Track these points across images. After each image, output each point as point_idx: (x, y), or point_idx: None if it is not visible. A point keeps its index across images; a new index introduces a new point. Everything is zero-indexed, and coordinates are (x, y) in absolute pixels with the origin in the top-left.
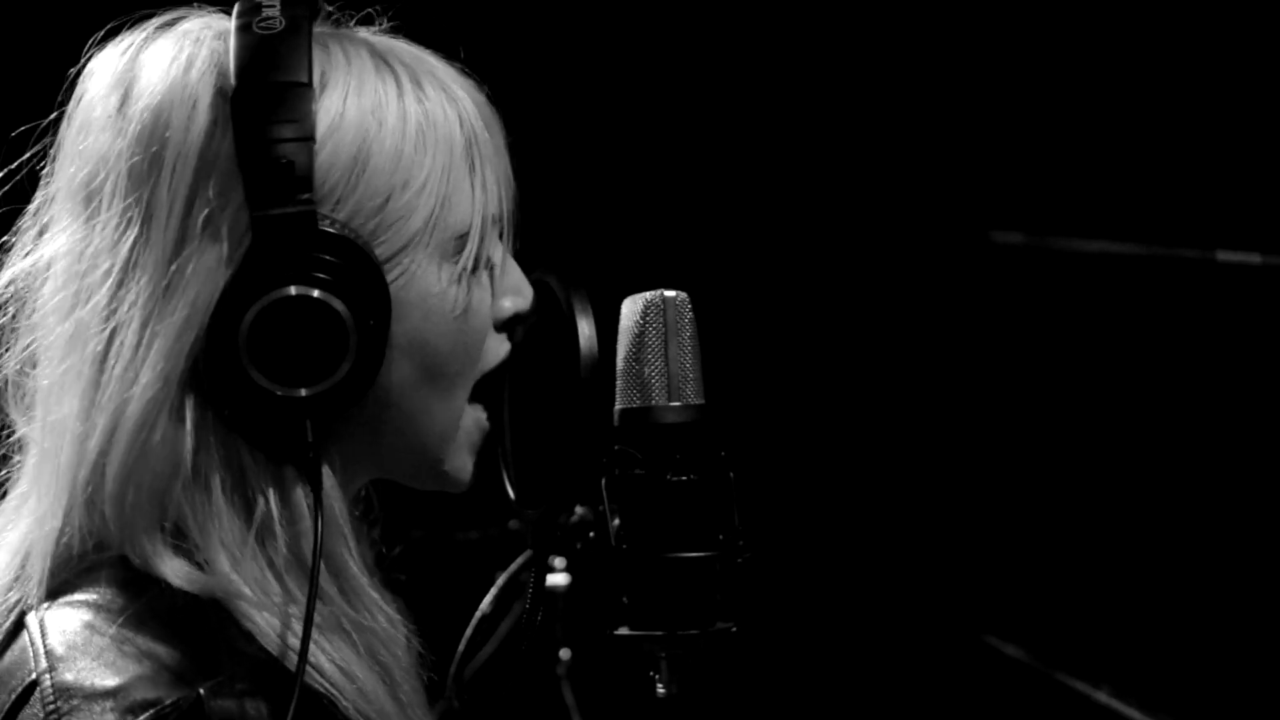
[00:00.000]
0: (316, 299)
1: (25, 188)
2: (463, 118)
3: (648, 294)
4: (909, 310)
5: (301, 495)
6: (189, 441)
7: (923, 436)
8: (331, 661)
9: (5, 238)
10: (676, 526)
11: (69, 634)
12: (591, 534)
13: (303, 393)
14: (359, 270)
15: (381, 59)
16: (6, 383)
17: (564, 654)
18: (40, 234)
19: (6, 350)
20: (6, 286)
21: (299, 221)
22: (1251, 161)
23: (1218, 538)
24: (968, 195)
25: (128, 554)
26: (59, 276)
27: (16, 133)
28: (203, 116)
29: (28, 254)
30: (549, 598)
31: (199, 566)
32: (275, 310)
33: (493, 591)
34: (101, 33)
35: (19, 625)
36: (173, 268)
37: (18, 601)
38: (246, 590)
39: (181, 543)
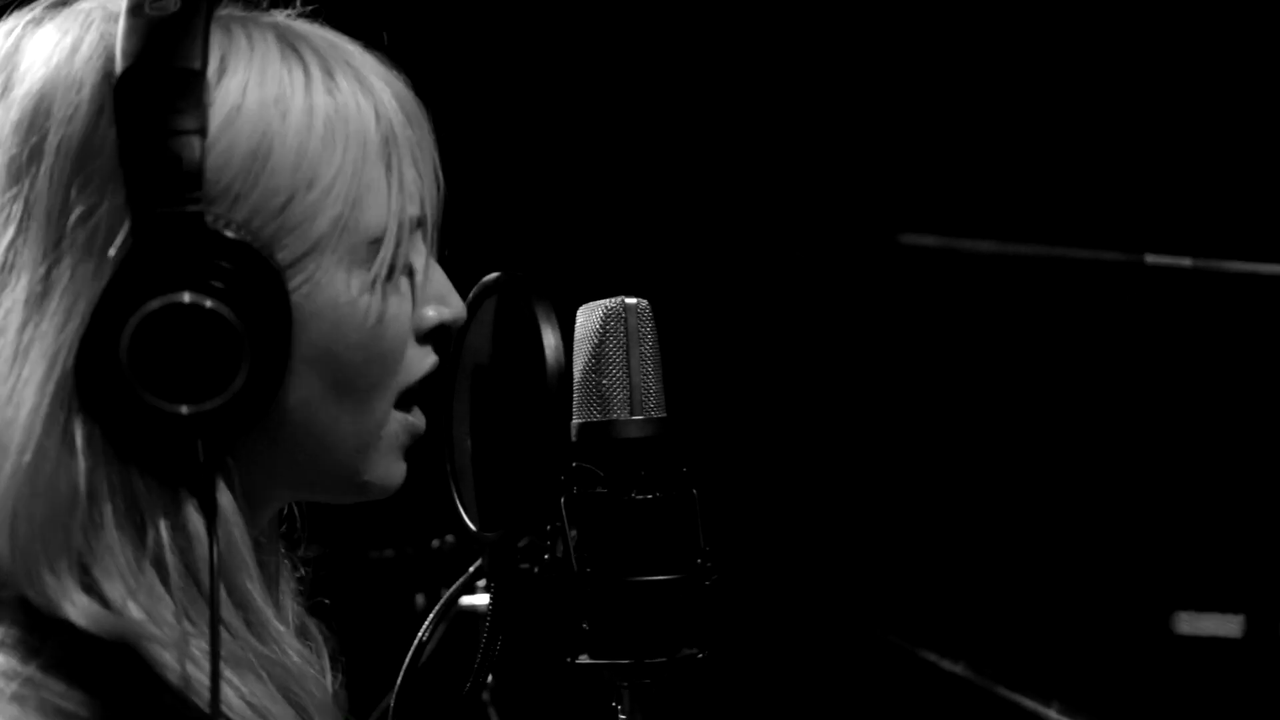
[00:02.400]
0: (205, 308)
1: None
2: (379, 111)
3: (607, 301)
4: (819, 314)
5: (197, 521)
6: (81, 465)
7: (848, 446)
8: (242, 699)
9: None
10: (642, 548)
11: None
12: (548, 556)
13: (187, 409)
14: (254, 276)
15: (290, 45)
16: None
17: (488, 679)
18: None
19: None
20: None
21: (185, 222)
22: (1181, 165)
23: (1154, 544)
24: (878, 198)
25: (28, 593)
26: None
27: None
28: (87, 105)
29: None
30: (473, 618)
31: (103, 602)
32: (160, 320)
33: (432, 616)
34: None
35: None
36: (49, 272)
37: None
38: (150, 628)
39: (85, 576)
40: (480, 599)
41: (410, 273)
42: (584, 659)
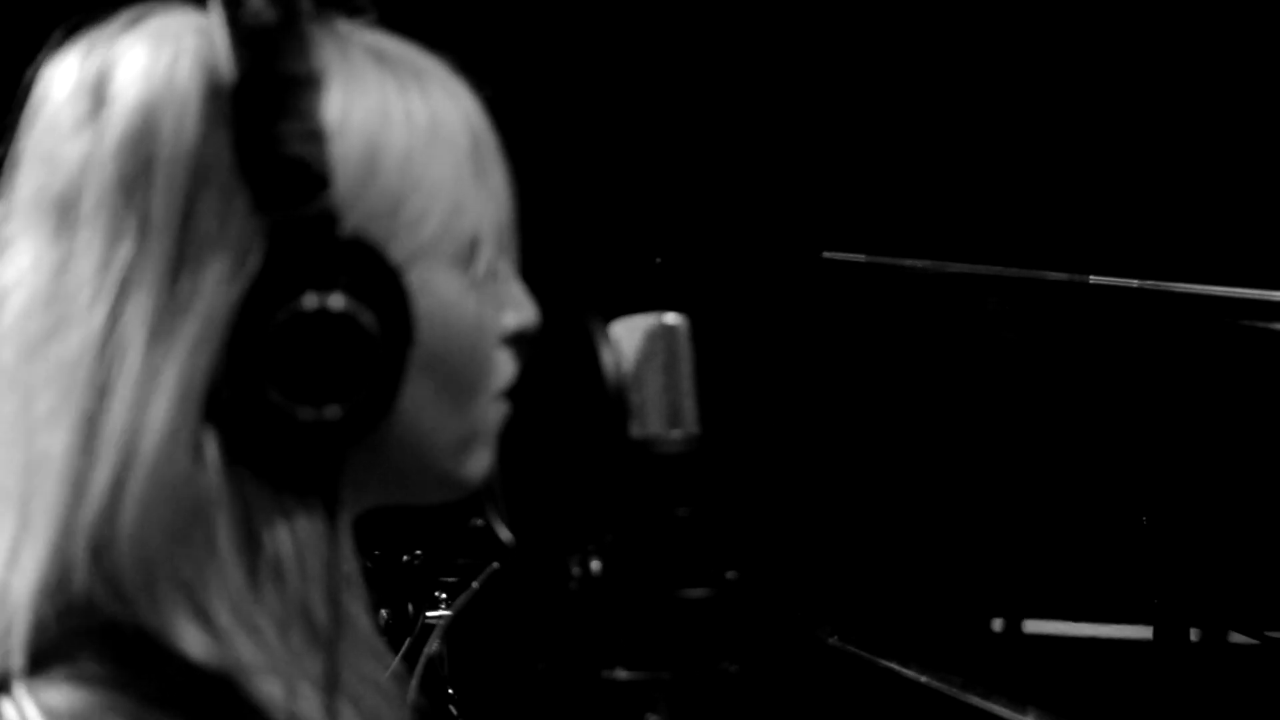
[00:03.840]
0: (343, 311)
1: None
2: (466, 118)
3: (646, 318)
4: (742, 329)
5: (310, 533)
6: (208, 479)
7: (769, 465)
8: None
9: None
10: (684, 563)
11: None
12: (587, 571)
13: (327, 414)
14: (382, 279)
15: (377, 55)
16: None
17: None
18: (5, 256)
19: None
20: None
21: (317, 225)
22: (1128, 183)
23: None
24: (804, 213)
25: (140, 613)
26: (29, 300)
27: None
28: (194, 117)
29: None
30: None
31: (211, 630)
32: (298, 324)
33: (439, 628)
34: (59, 34)
35: None
36: (177, 283)
37: None
38: (257, 659)
39: (195, 601)
40: (441, 613)
41: (496, 277)
42: (620, 673)
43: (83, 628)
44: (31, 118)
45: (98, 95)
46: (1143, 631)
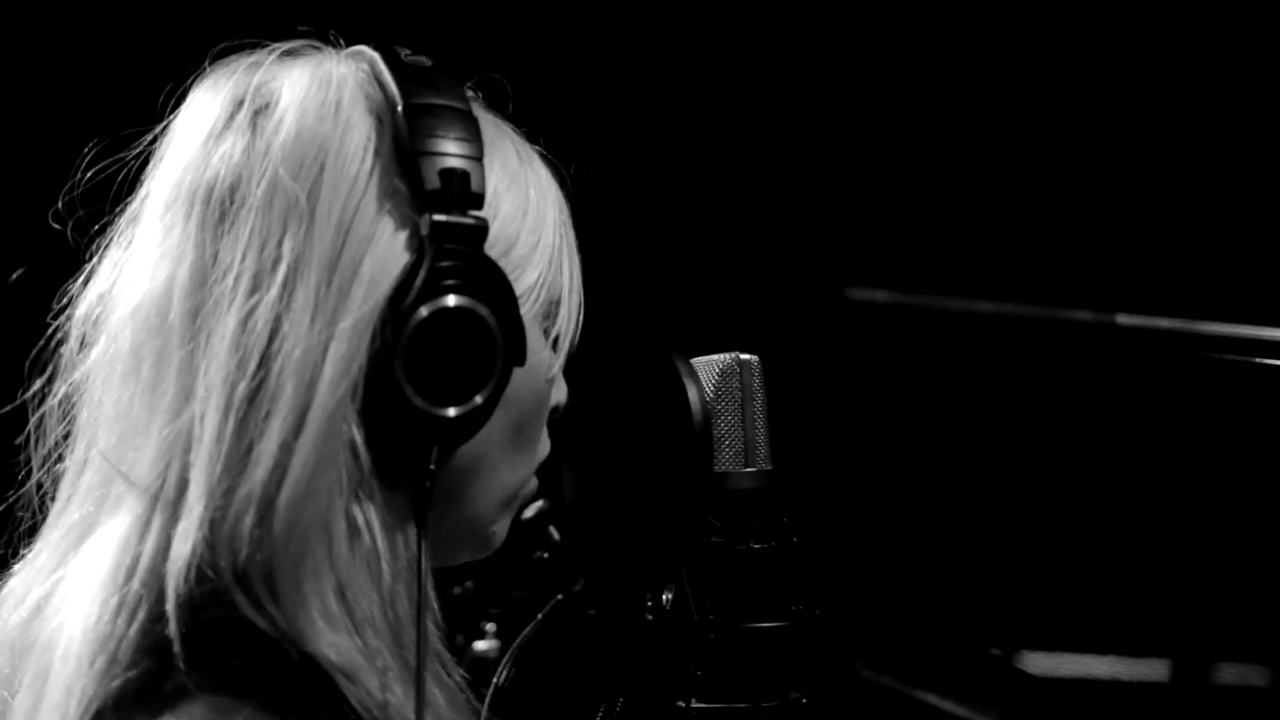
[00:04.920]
0: (484, 318)
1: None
2: (558, 195)
3: (721, 357)
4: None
5: (400, 529)
6: (352, 456)
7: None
8: None
9: (100, 240)
10: (758, 596)
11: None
12: (654, 604)
13: (453, 411)
14: (509, 300)
15: (496, 125)
16: (69, 401)
17: None
18: (139, 238)
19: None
20: (100, 299)
21: (473, 233)
22: (1156, 221)
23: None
24: (827, 252)
25: (272, 611)
26: (167, 285)
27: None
28: (358, 132)
29: (126, 262)
30: (484, 664)
31: (330, 625)
32: (441, 318)
33: (507, 660)
34: (209, 57)
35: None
36: (342, 270)
37: (127, 631)
38: (357, 652)
39: (318, 593)
40: (490, 644)
41: (558, 347)
42: (696, 703)
43: (210, 623)
44: (178, 123)
45: (258, 105)
46: (1161, 667)
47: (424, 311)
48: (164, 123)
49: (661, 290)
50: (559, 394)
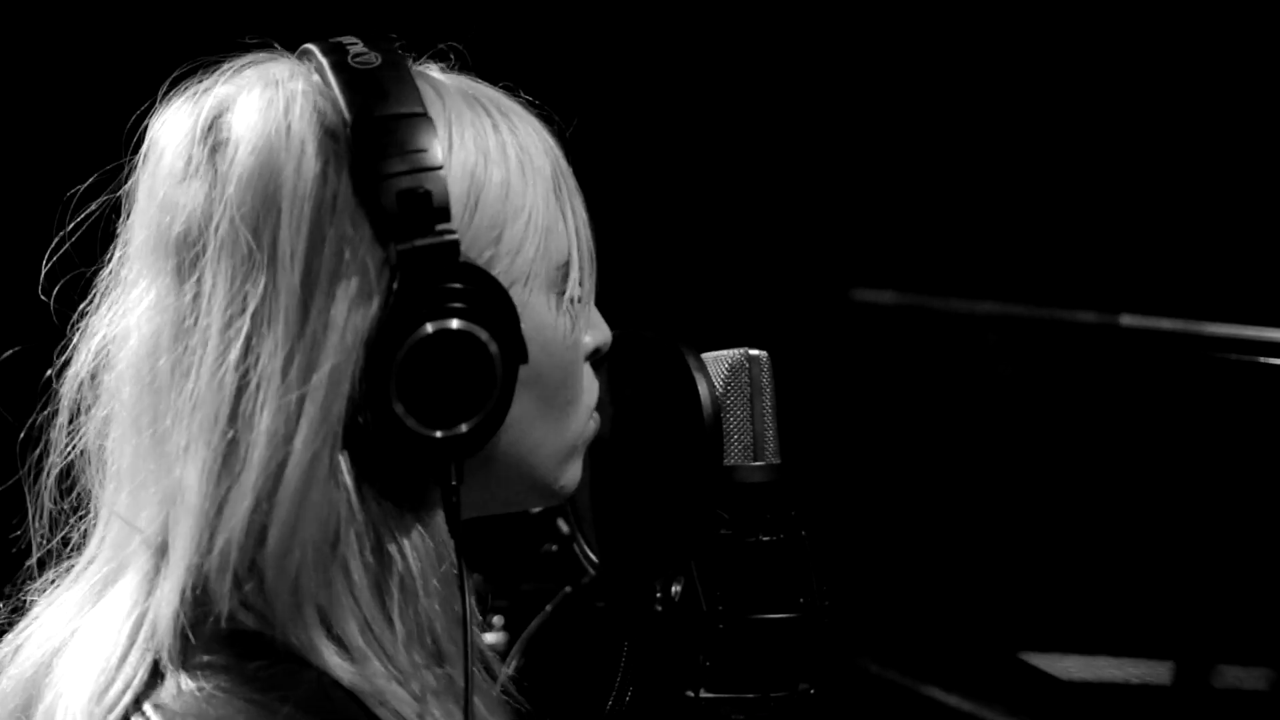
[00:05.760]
0: (469, 333)
1: (71, 255)
2: (548, 149)
3: (730, 352)
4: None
5: (432, 549)
6: (344, 499)
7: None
8: None
9: (84, 303)
10: (767, 587)
11: None
12: (671, 595)
13: (457, 431)
14: (497, 302)
15: (467, 95)
16: (82, 455)
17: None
18: (120, 296)
19: (81, 420)
20: (95, 355)
21: (442, 252)
22: (1161, 221)
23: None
24: (832, 253)
25: (288, 634)
26: (153, 339)
27: (72, 194)
28: (312, 158)
29: (112, 318)
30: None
31: (345, 650)
32: (430, 348)
33: (515, 651)
34: (166, 84)
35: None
36: (308, 315)
37: (128, 684)
38: (385, 676)
39: (328, 621)
40: (497, 637)
41: (581, 299)
42: (705, 693)
43: (220, 642)
44: (143, 165)
45: (214, 140)
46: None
47: (407, 345)
48: (125, 168)
49: (667, 290)
50: (596, 337)
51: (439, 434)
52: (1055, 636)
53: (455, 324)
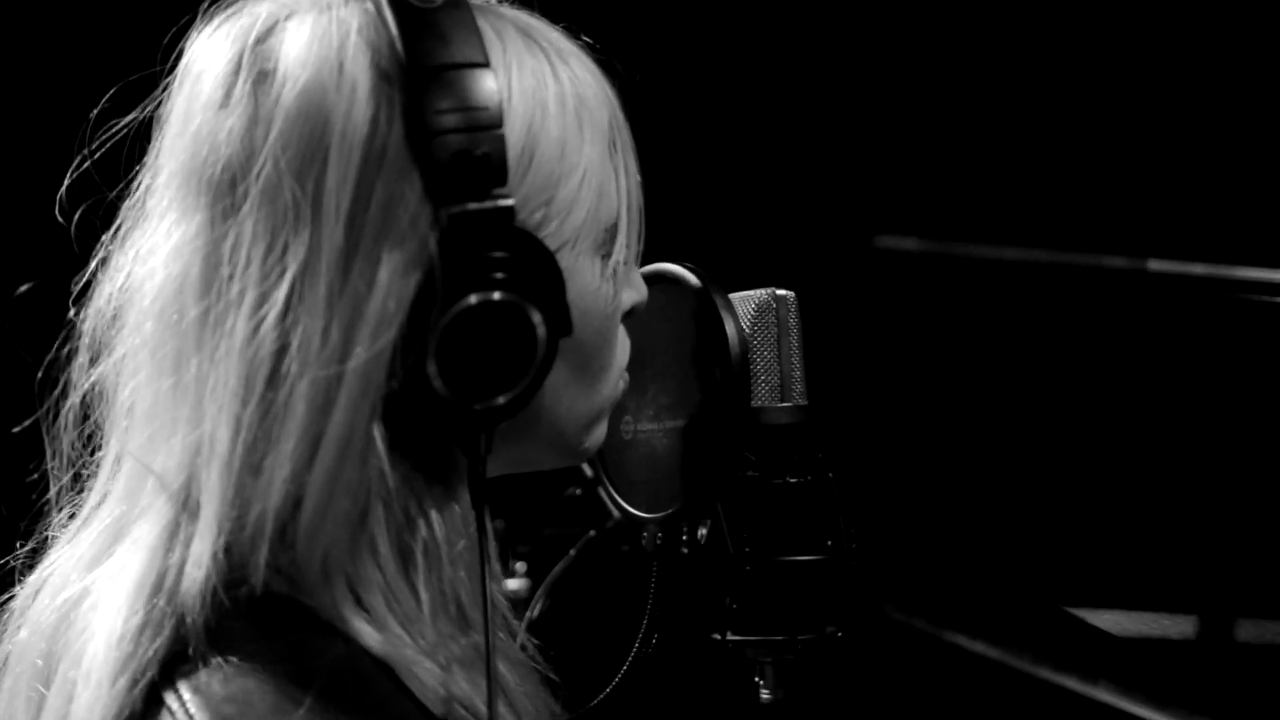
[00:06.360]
0: (515, 306)
1: (93, 175)
2: (608, 98)
3: (757, 292)
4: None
5: (456, 518)
6: (376, 468)
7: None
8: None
9: (106, 235)
10: (794, 529)
11: (242, 707)
12: (698, 538)
13: (494, 404)
14: (546, 273)
15: (526, 34)
16: (98, 391)
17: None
18: (146, 229)
19: (99, 358)
20: (120, 291)
21: (495, 219)
22: (1189, 165)
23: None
24: (854, 199)
25: (318, 602)
26: (181, 278)
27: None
28: (364, 101)
29: (137, 252)
30: (513, 603)
31: (369, 619)
32: (470, 318)
33: (539, 595)
34: (206, 4)
35: (162, 689)
36: (350, 273)
37: (152, 655)
38: (410, 645)
39: (353, 591)
40: (519, 583)
41: (625, 263)
42: (731, 636)
43: (249, 608)
44: (179, 89)
45: (258, 70)
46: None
47: (450, 316)
48: (162, 85)
49: (690, 235)
50: (632, 297)
51: (475, 406)
52: (1081, 586)
53: (500, 296)
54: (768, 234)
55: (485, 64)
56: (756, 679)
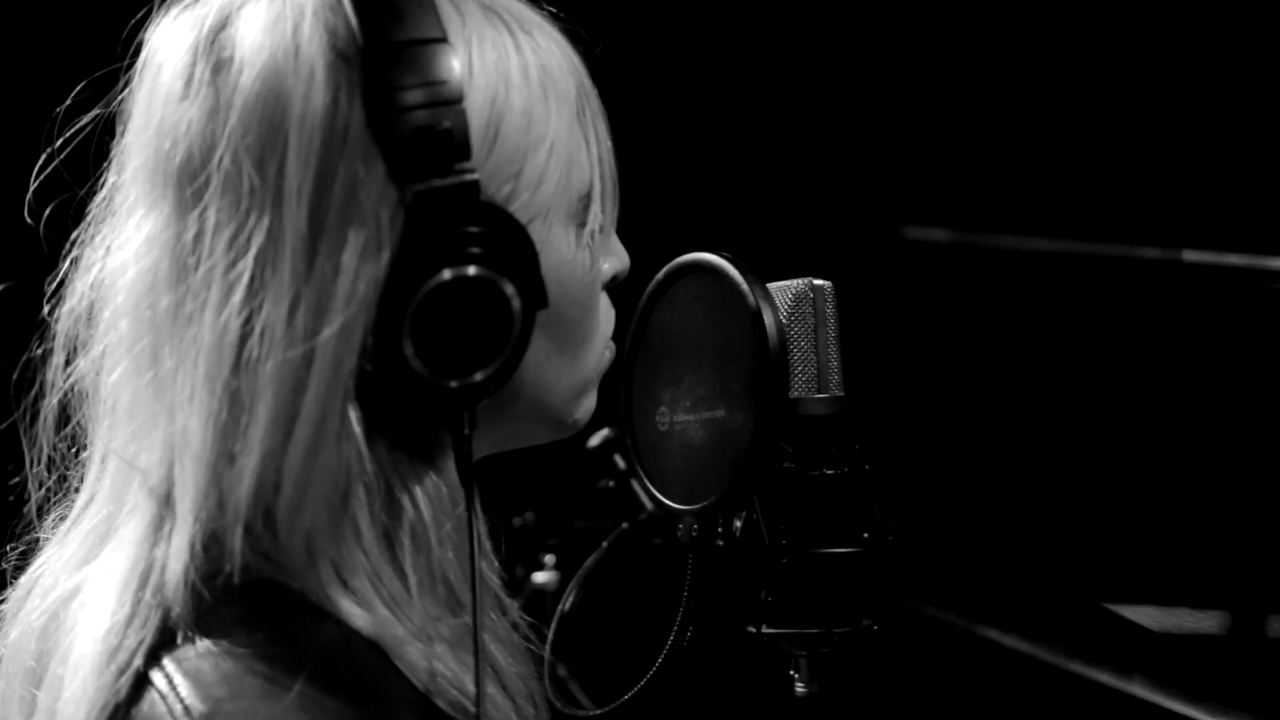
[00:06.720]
0: (487, 280)
1: (61, 174)
2: (574, 68)
3: (794, 282)
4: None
5: (443, 498)
6: (353, 450)
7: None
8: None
9: (76, 232)
10: (830, 522)
11: (233, 688)
12: (733, 530)
13: (472, 380)
14: (517, 245)
15: (487, 8)
16: (77, 392)
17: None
18: (115, 225)
19: (75, 357)
20: (92, 288)
21: (461, 193)
22: (1222, 155)
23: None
24: (883, 191)
25: (303, 584)
26: (151, 273)
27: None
28: (322, 83)
29: (108, 248)
30: (542, 596)
31: (355, 599)
32: (445, 298)
33: (572, 587)
34: None
35: (147, 675)
36: (315, 258)
37: (139, 644)
38: (396, 625)
39: (339, 572)
40: (548, 575)
41: (601, 230)
42: (766, 629)
43: (235, 594)
44: (140, 81)
45: (216, 58)
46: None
47: (421, 293)
48: (123, 81)
49: (721, 226)
50: (614, 264)
51: (454, 384)
52: (1115, 580)
53: (472, 271)
54: (797, 225)
55: (443, 39)
56: (791, 672)
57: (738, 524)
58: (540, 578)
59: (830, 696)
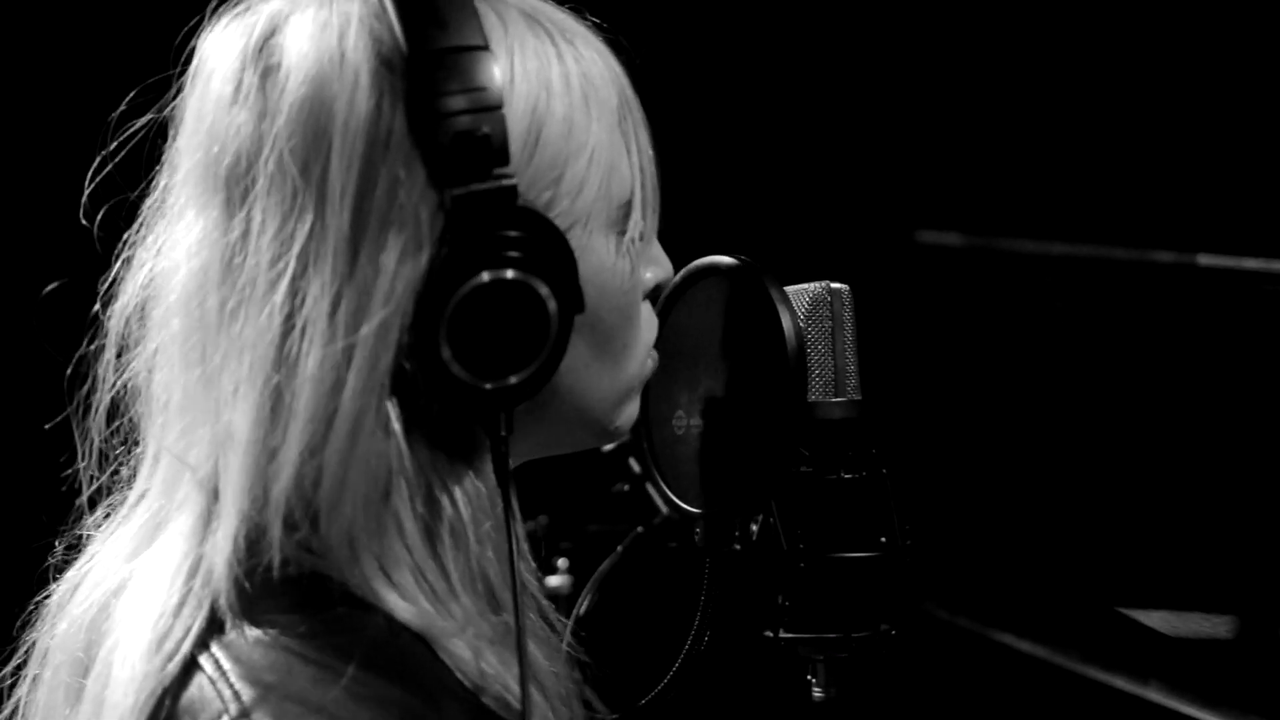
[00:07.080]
0: (524, 284)
1: (115, 177)
2: (616, 77)
3: (811, 285)
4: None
5: (482, 497)
6: (393, 448)
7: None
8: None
9: (128, 233)
10: (848, 526)
11: (283, 675)
12: (750, 534)
13: (506, 383)
14: (555, 250)
15: (530, 17)
16: (130, 389)
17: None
18: (167, 226)
19: (126, 354)
20: (144, 287)
21: (499, 198)
22: (1238, 157)
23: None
24: (896, 195)
25: (347, 578)
26: (201, 273)
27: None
28: (366, 89)
29: (160, 249)
30: (555, 600)
31: (401, 593)
32: (483, 300)
33: (587, 591)
34: (215, 3)
35: (196, 660)
36: (357, 259)
37: (187, 631)
38: (440, 620)
39: (382, 567)
40: (561, 580)
41: (642, 237)
42: (784, 633)
43: (282, 586)
44: (191, 87)
45: (265, 64)
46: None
47: (458, 295)
48: (175, 87)
49: (733, 230)
50: (657, 273)
51: (488, 386)
52: (1130, 584)
53: (509, 274)
54: (810, 229)
55: (485, 46)
56: (809, 677)
57: (755, 528)
58: (554, 581)
59: (848, 701)
